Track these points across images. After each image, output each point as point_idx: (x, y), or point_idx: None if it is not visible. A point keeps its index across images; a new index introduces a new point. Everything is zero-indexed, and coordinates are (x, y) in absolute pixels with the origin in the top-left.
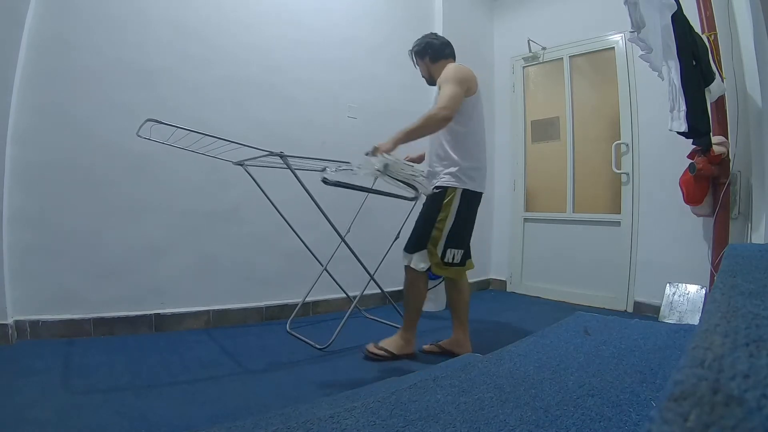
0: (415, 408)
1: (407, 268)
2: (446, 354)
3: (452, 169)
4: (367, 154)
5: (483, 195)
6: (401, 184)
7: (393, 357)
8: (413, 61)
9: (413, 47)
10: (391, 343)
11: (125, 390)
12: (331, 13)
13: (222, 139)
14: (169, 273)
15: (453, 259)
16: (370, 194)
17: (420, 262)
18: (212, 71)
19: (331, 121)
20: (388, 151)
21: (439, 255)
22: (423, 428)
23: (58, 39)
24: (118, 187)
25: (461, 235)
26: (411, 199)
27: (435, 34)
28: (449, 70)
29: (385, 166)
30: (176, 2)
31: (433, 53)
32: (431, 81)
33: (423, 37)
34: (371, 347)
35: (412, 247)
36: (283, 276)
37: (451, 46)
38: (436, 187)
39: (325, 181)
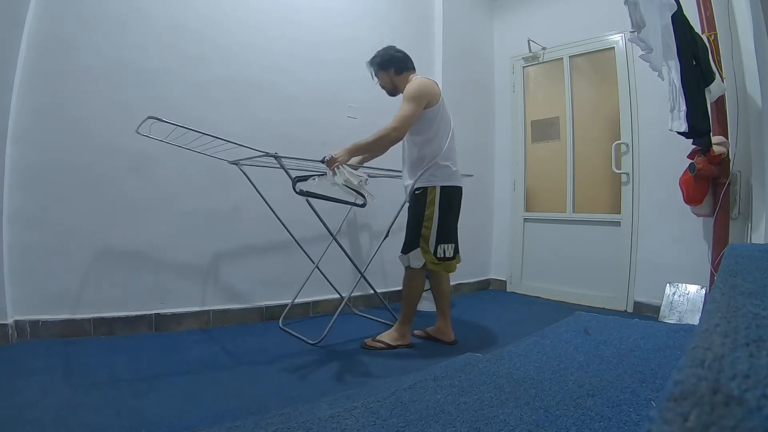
0: (415, 408)
1: (406, 267)
2: (432, 339)
3: (427, 172)
4: (323, 161)
5: (462, 189)
6: (353, 192)
7: (389, 347)
8: (371, 72)
9: (374, 59)
10: (387, 336)
11: (125, 390)
12: (331, 13)
13: (218, 138)
14: (169, 273)
15: (445, 253)
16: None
17: (415, 260)
18: (212, 71)
19: (331, 121)
20: (344, 163)
21: (432, 251)
22: (423, 428)
23: (58, 39)
24: (117, 187)
25: (449, 229)
26: (361, 206)
27: (396, 48)
28: (413, 84)
29: (346, 179)
30: (176, 2)
31: (397, 66)
32: (394, 92)
33: (384, 50)
34: (368, 341)
35: (406, 248)
36: (283, 276)
37: (412, 60)
38: (417, 189)
39: (299, 192)
